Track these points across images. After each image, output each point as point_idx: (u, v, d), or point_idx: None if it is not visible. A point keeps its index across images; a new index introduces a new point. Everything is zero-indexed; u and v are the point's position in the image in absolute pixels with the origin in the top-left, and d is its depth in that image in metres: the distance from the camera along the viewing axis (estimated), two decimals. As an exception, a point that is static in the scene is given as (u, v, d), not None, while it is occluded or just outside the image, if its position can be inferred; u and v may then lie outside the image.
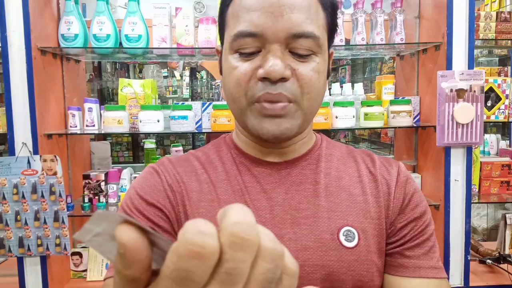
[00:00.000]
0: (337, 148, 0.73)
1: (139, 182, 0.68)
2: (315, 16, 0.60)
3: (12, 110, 1.48)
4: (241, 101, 0.61)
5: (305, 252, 0.61)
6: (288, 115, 0.60)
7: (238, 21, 0.60)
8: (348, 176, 0.68)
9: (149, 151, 2.26)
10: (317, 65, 0.61)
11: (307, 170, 0.68)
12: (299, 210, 0.64)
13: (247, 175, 0.67)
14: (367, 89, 3.78)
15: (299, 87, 0.60)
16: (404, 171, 0.71)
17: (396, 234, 0.67)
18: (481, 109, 1.55)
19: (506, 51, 2.58)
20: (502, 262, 1.69)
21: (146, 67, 5.31)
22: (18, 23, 1.45)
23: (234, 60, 0.61)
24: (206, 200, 0.65)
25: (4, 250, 1.54)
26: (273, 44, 0.58)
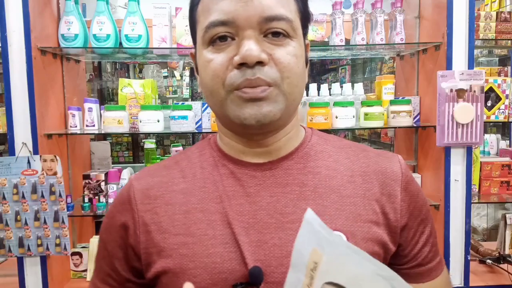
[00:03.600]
0: (330, 143, 0.69)
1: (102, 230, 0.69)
2: (285, 2, 0.59)
3: (12, 110, 1.48)
4: (220, 92, 0.59)
5: (290, 258, 0.59)
6: (270, 98, 0.58)
7: (209, 13, 0.58)
8: (339, 175, 0.64)
9: (149, 151, 2.25)
10: (293, 49, 0.59)
11: (294, 170, 0.64)
12: (285, 214, 0.61)
13: (230, 178, 0.64)
14: (367, 89, 3.78)
15: (278, 71, 0.57)
16: (406, 168, 0.68)
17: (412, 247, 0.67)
18: (481, 109, 1.55)
19: (506, 51, 2.58)
20: (502, 262, 1.69)
21: (146, 67, 5.31)
22: (18, 23, 1.45)
23: (208, 53, 0.59)
24: (180, 212, 0.62)
25: (4, 250, 1.54)
26: (246, 30, 0.57)
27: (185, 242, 0.60)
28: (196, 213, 0.62)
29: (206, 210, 0.62)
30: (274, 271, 0.57)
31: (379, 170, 0.66)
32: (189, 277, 0.58)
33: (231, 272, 0.58)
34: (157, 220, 0.63)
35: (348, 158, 0.67)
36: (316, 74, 6.06)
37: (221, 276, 0.58)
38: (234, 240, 0.59)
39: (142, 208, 0.64)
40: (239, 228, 0.60)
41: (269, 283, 0.57)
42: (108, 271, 0.68)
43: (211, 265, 0.58)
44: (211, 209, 0.62)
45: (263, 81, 0.57)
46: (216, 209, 0.61)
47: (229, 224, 0.60)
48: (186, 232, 0.61)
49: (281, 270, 0.57)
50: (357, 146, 0.70)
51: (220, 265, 0.58)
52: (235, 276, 0.57)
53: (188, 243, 0.60)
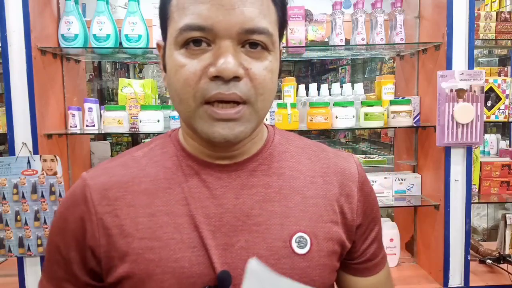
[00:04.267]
0: (292, 143, 0.69)
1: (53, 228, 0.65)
2: (267, 11, 0.56)
3: (12, 110, 1.48)
4: (190, 103, 0.56)
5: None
6: (242, 118, 0.56)
7: (184, 13, 0.55)
8: (302, 176, 0.65)
9: (149, 151, 2.24)
10: (270, 63, 0.57)
11: (259, 172, 0.63)
12: (251, 216, 0.60)
13: (195, 180, 0.62)
14: (367, 89, 3.78)
15: (253, 87, 0.56)
16: (361, 168, 0.70)
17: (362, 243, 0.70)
18: (481, 109, 1.55)
19: (506, 51, 2.58)
20: (502, 262, 1.69)
21: (146, 67, 5.31)
22: (18, 23, 1.45)
23: (181, 56, 0.55)
24: (144, 215, 0.60)
25: (4, 250, 1.54)
26: (225, 40, 0.54)
27: (151, 246, 0.58)
28: (161, 216, 0.60)
29: (172, 213, 0.60)
30: (241, 274, 0.57)
31: (338, 171, 0.68)
32: (156, 283, 0.57)
33: (199, 276, 0.57)
34: (118, 223, 0.60)
35: (310, 158, 0.68)
36: (316, 74, 6.06)
37: (189, 281, 0.57)
38: (202, 244, 0.58)
39: (101, 210, 0.61)
40: (206, 231, 0.59)
41: (237, 285, 0.57)
42: (64, 277, 0.64)
43: (179, 269, 0.57)
44: (177, 212, 0.60)
45: (237, 97, 0.55)
46: (183, 211, 0.60)
47: (196, 227, 0.59)
48: (152, 236, 0.59)
49: None
50: (317, 146, 0.71)
51: (188, 270, 0.57)
52: (204, 280, 0.57)
53: (155, 247, 0.58)
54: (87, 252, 0.61)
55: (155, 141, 0.69)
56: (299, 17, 1.65)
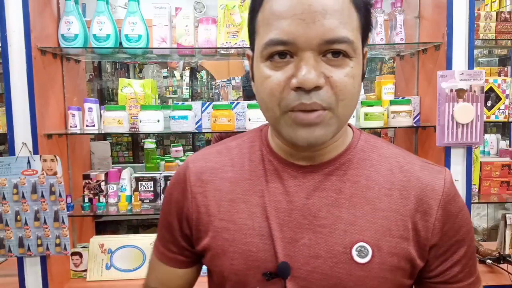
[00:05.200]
0: (376, 151, 0.69)
1: (166, 194, 0.78)
2: (348, 19, 0.58)
3: (12, 110, 1.48)
4: (275, 111, 0.61)
5: (316, 259, 0.63)
6: (323, 123, 0.59)
7: (269, 29, 0.59)
8: (378, 187, 0.65)
9: (149, 151, 2.25)
10: (351, 69, 0.59)
11: (333, 176, 0.66)
12: (318, 217, 0.64)
13: (273, 175, 0.68)
14: (367, 89, 3.78)
15: (334, 94, 0.58)
16: (450, 185, 0.66)
17: (439, 265, 0.66)
18: (481, 109, 1.55)
19: (506, 51, 2.58)
20: (502, 262, 1.69)
21: (146, 67, 5.31)
22: (18, 23, 1.45)
23: (266, 68, 0.60)
24: (226, 200, 0.69)
25: (4, 250, 1.54)
26: (306, 51, 0.57)
27: (228, 227, 0.67)
28: (240, 203, 0.68)
29: (249, 202, 0.67)
30: (300, 268, 0.63)
31: (419, 186, 0.65)
32: (228, 259, 0.66)
33: (263, 262, 0.64)
34: (206, 203, 0.70)
35: (391, 169, 0.67)
36: (316, 74, 6.05)
37: (254, 264, 0.64)
38: (269, 234, 0.64)
39: (195, 190, 0.71)
40: (275, 224, 0.65)
41: (295, 277, 0.62)
42: (169, 238, 0.76)
43: (247, 252, 0.65)
44: (253, 202, 0.67)
45: (318, 105, 0.58)
46: (258, 202, 0.67)
47: (267, 218, 0.65)
48: (230, 219, 0.67)
49: (306, 268, 0.62)
50: (403, 157, 0.69)
51: (255, 254, 0.64)
52: (266, 266, 0.64)
53: (230, 229, 0.67)
54: (183, 222, 0.72)
55: (248, 134, 0.76)
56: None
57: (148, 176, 1.74)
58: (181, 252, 0.76)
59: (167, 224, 0.76)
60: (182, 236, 0.74)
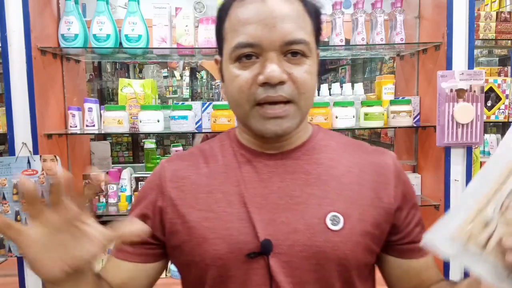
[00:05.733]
0: (333, 139, 0.80)
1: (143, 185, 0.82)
2: (303, 24, 0.68)
3: (12, 110, 1.48)
4: (245, 106, 0.69)
5: (295, 234, 0.69)
6: (288, 116, 0.68)
7: (236, 34, 0.67)
8: (340, 166, 0.75)
9: (149, 151, 2.25)
10: (308, 67, 0.68)
11: (301, 161, 0.75)
12: (292, 197, 0.71)
13: (246, 166, 0.74)
14: (367, 89, 3.78)
15: (296, 88, 0.67)
16: (397, 161, 0.79)
17: (405, 226, 0.76)
18: (481, 109, 1.55)
19: (506, 51, 2.58)
20: (502, 262, 1.69)
21: (146, 67, 5.31)
22: (18, 23, 1.45)
23: (235, 69, 0.68)
24: (204, 192, 0.73)
25: (4, 250, 1.54)
26: (270, 52, 0.66)
27: (207, 216, 0.71)
28: (217, 194, 0.73)
29: (226, 192, 0.72)
30: (281, 244, 0.68)
31: (374, 162, 0.77)
32: (210, 245, 0.69)
33: (245, 244, 0.68)
34: (183, 196, 0.74)
35: (348, 152, 0.78)
36: (316, 74, 6.04)
37: (237, 246, 0.69)
38: (249, 218, 0.70)
39: (171, 185, 0.75)
40: (253, 207, 0.70)
41: (277, 253, 0.68)
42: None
43: (228, 236, 0.69)
44: (230, 191, 0.72)
45: (283, 98, 0.67)
46: (234, 191, 0.72)
47: (244, 204, 0.71)
48: (209, 209, 0.72)
49: (287, 243, 0.68)
50: (356, 143, 0.81)
51: (236, 237, 0.69)
52: (249, 247, 0.68)
53: (210, 217, 0.71)
54: (156, 216, 0.75)
55: (217, 137, 0.83)
56: (299, 17, 1.65)
57: (148, 176, 1.74)
58: (143, 245, 0.76)
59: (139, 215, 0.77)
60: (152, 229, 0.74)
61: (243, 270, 0.69)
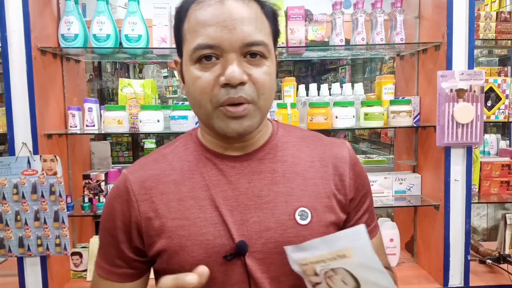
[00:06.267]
0: (293, 134, 0.82)
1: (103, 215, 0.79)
2: (261, 26, 0.70)
3: (12, 110, 1.48)
4: (207, 107, 0.70)
5: (268, 232, 0.72)
6: (249, 115, 0.70)
7: (196, 35, 0.68)
8: (302, 162, 0.78)
9: (149, 151, 2.25)
10: (268, 68, 0.70)
11: (266, 160, 0.77)
12: (261, 196, 0.74)
13: (213, 169, 0.75)
14: (367, 89, 3.78)
15: (256, 89, 0.69)
16: (352, 152, 0.82)
17: (355, 214, 0.81)
18: (481, 109, 1.55)
19: (506, 51, 2.58)
20: (502, 262, 1.69)
21: (146, 67, 5.31)
22: (18, 23, 1.45)
23: (196, 70, 0.69)
24: (174, 200, 0.74)
25: (4, 250, 1.54)
26: (230, 53, 0.67)
27: (182, 225, 0.72)
28: (188, 200, 0.73)
29: (197, 197, 0.73)
30: (255, 243, 0.71)
31: (332, 155, 0.80)
32: (188, 253, 0.71)
33: (221, 246, 0.71)
34: (154, 207, 0.73)
35: (308, 146, 0.81)
36: (316, 74, 6.05)
37: (214, 250, 0.71)
38: (222, 221, 0.72)
39: (140, 198, 0.74)
40: (225, 210, 0.72)
41: (252, 252, 0.71)
42: (115, 254, 0.77)
43: (205, 242, 0.71)
44: (200, 196, 0.73)
45: (244, 99, 0.68)
46: (205, 196, 0.73)
47: (216, 207, 0.72)
48: (182, 217, 0.72)
49: (261, 242, 0.72)
50: (314, 136, 0.84)
51: (212, 242, 0.71)
52: (225, 249, 0.71)
53: (184, 225, 0.72)
54: (132, 232, 0.75)
55: (179, 139, 0.83)
56: (299, 17, 1.65)
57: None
58: (129, 265, 0.77)
59: (112, 239, 0.76)
60: (130, 248, 0.76)
61: (222, 271, 0.71)
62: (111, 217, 0.76)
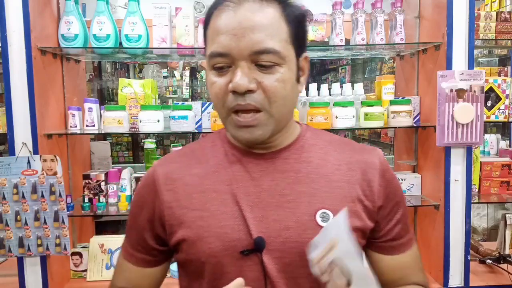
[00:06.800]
0: (321, 138, 0.82)
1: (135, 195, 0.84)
2: (276, 32, 0.68)
3: (12, 110, 1.48)
4: (221, 111, 0.72)
5: (287, 231, 0.72)
6: (260, 124, 0.70)
7: (212, 42, 0.70)
8: (329, 164, 0.78)
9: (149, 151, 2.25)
10: (281, 75, 0.69)
11: (291, 159, 0.77)
12: (283, 195, 0.74)
13: (238, 165, 0.77)
14: (367, 89, 3.78)
15: (266, 97, 0.69)
16: (384, 160, 0.80)
17: (386, 224, 0.79)
18: (481, 109, 1.55)
19: (506, 51, 2.58)
20: (502, 262, 1.69)
21: (146, 67, 5.31)
22: (18, 23, 1.45)
23: (212, 75, 0.71)
24: (197, 192, 0.75)
25: (4, 250, 1.54)
26: (240, 61, 0.68)
27: (202, 216, 0.73)
28: (210, 193, 0.75)
29: (219, 191, 0.75)
30: (273, 241, 0.71)
31: (361, 160, 0.79)
32: (205, 244, 0.72)
33: (239, 241, 0.71)
34: (177, 198, 0.76)
35: (336, 150, 0.80)
36: (316, 74, 6.06)
37: (231, 244, 0.71)
38: (242, 216, 0.72)
39: (165, 188, 0.77)
40: (246, 206, 0.73)
41: (269, 250, 0.71)
42: (137, 240, 0.81)
43: (223, 234, 0.72)
44: (222, 190, 0.75)
45: (252, 106, 0.69)
46: (227, 190, 0.74)
47: (237, 202, 0.73)
48: (202, 208, 0.74)
49: (279, 240, 0.71)
50: (343, 141, 0.84)
51: (230, 235, 0.71)
52: (243, 244, 0.71)
53: (204, 216, 0.73)
54: (155, 221, 0.78)
55: (208, 136, 0.86)
56: (299, 17, 1.65)
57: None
58: (148, 252, 0.81)
59: (137, 225, 0.81)
60: (152, 236, 0.79)
61: (237, 266, 0.71)
62: (138, 204, 0.81)
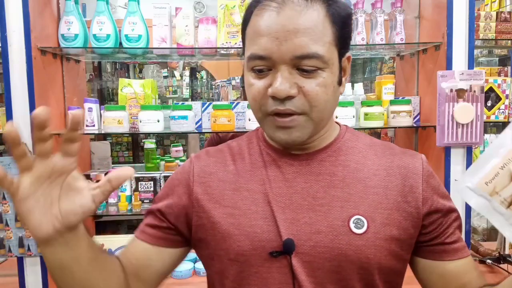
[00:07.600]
0: (361, 141, 0.79)
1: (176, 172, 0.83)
2: (320, 35, 0.66)
3: (12, 110, 1.48)
4: (258, 114, 0.71)
5: (318, 235, 0.69)
6: (298, 126, 0.69)
7: (252, 43, 0.68)
8: (366, 169, 0.74)
9: (149, 151, 2.26)
10: (323, 79, 0.67)
11: (327, 162, 0.75)
12: (316, 198, 0.71)
13: (272, 165, 0.75)
14: (367, 89, 3.78)
15: (307, 102, 0.67)
16: (427, 165, 0.76)
17: (435, 228, 0.74)
18: (481, 109, 1.55)
19: (506, 51, 2.58)
20: (502, 262, 1.69)
21: (146, 67, 5.31)
22: (18, 23, 1.45)
23: (251, 77, 0.70)
24: (230, 189, 0.75)
25: (4, 250, 1.54)
26: (281, 65, 0.66)
27: (233, 213, 0.72)
28: (243, 191, 0.74)
29: (251, 190, 0.73)
30: (303, 244, 0.69)
31: (402, 165, 0.75)
32: (234, 241, 0.71)
33: (268, 242, 0.69)
34: (209, 192, 0.75)
35: (376, 154, 0.77)
36: (316, 74, 6.04)
37: (260, 244, 0.70)
38: (273, 216, 0.71)
39: (198, 180, 0.77)
40: (277, 207, 0.71)
41: (299, 253, 0.69)
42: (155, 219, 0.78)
43: (252, 234, 0.70)
44: (255, 189, 0.73)
45: (292, 111, 0.67)
46: (259, 189, 0.73)
47: (269, 203, 0.72)
48: (234, 206, 0.73)
49: (309, 244, 0.69)
50: (384, 145, 0.80)
51: (260, 235, 0.70)
52: (272, 245, 0.69)
53: (235, 214, 0.72)
54: (181, 210, 0.76)
55: (246, 134, 0.85)
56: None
57: (148, 176, 1.74)
58: (166, 230, 0.77)
59: (167, 199, 0.77)
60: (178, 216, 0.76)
61: (265, 267, 0.70)
62: (172, 186, 0.79)
